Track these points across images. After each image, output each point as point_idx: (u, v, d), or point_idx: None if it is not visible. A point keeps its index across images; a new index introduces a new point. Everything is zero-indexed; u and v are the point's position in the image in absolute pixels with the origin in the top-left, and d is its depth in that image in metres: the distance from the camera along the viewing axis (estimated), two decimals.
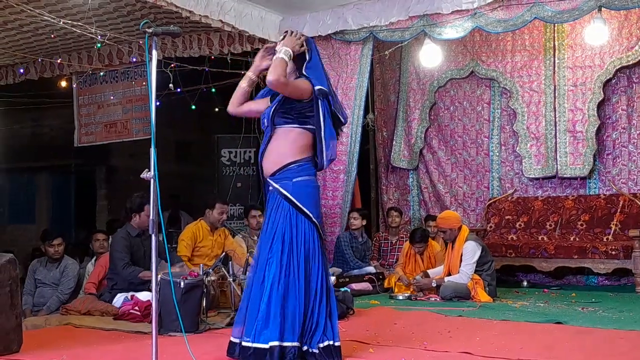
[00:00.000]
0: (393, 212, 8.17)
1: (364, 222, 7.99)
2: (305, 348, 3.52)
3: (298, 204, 3.61)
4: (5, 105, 10.53)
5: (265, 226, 3.70)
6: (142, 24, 3.28)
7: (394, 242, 8.09)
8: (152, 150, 3.20)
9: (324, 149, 3.72)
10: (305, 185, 3.67)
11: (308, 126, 3.70)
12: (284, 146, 3.67)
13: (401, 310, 5.69)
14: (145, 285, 5.55)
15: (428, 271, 6.85)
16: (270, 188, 3.70)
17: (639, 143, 7.75)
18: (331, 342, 3.58)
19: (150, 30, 3.21)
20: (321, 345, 3.55)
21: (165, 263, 5.09)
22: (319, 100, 3.68)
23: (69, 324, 5.21)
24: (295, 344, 3.46)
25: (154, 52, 3.24)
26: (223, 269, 5.57)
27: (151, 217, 3.15)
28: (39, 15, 6.61)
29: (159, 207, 3.18)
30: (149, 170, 3.18)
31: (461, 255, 6.38)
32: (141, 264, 5.76)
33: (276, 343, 3.42)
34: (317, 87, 3.68)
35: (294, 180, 3.64)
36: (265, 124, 3.74)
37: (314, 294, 3.59)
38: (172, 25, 3.48)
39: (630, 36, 7.62)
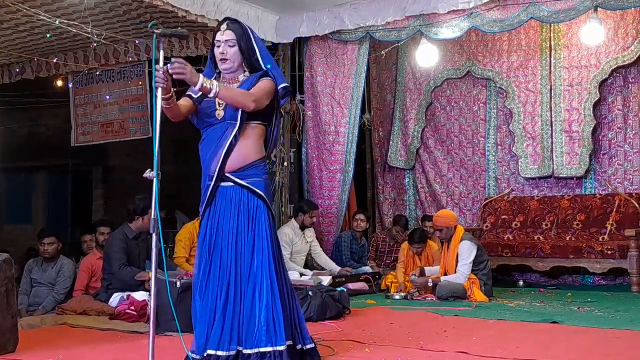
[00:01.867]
0: (399, 227, 8.09)
1: (367, 226, 8.05)
2: (299, 346, 3.47)
3: (268, 202, 3.52)
4: (2, 105, 10.52)
5: (225, 225, 3.44)
6: (150, 24, 3.25)
7: (391, 243, 8.09)
8: (155, 150, 3.19)
9: (272, 146, 3.67)
10: (269, 184, 3.61)
11: (266, 122, 3.60)
12: (253, 142, 3.51)
13: (397, 310, 5.70)
14: (140, 286, 5.55)
15: (425, 268, 6.85)
16: (227, 184, 3.48)
17: (635, 143, 7.77)
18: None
19: (158, 31, 3.19)
20: (309, 345, 3.54)
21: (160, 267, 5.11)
22: (281, 98, 3.60)
23: (65, 323, 5.20)
24: (290, 342, 3.41)
25: (161, 53, 3.24)
26: None
27: (152, 217, 3.13)
28: (35, 15, 6.60)
29: (157, 207, 3.16)
30: (152, 170, 3.16)
31: (457, 255, 6.39)
32: (135, 266, 5.77)
33: (280, 347, 3.32)
34: (281, 86, 3.57)
35: (264, 177, 3.53)
36: (220, 117, 3.49)
37: (291, 289, 3.58)
38: (179, 28, 3.46)
39: (626, 36, 7.63)
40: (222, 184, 3.49)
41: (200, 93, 3.52)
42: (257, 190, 3.47)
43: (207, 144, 3.52)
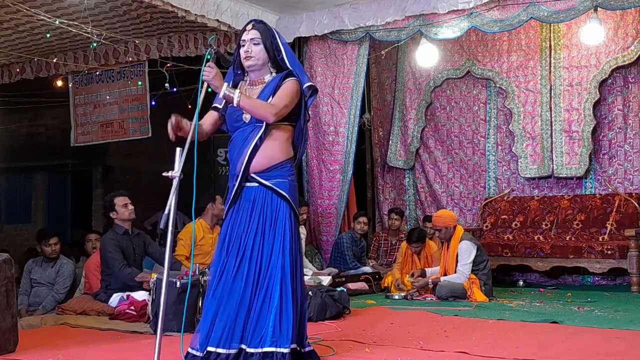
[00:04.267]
0: (394, 214, 8.10)
1: (368, 228, 8.13)
2: (297, 349, 3.44)
3: (293, 204, 3.50)
4: (2, 105, 10.52)
5: (246, 224, 3.45)
6: (211, 38, 3.74)
7: (393, 242, 8.08)
8: (182, 151, 3.37)
9: (302, 147, 3.67)
10: (295, 186, 3.58)
11: (293, 123, 3.59)
12: (279, 143, 3.52)
13: (397, 310, 5.70)
14: (140, 285, 5.54)
15: (426, 270, 6.85)
16: (251, 184, 3.50)
17: (635, 143, 7.77)
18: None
19: (214, 47, 3.46)
20: (308, 347, 3.53)
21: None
22: (308, 98, 3.61)
23: (65, 323, 5.20)
24: (294, 345, 3.42)
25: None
26: None
27: (167, 212, 3.17)
28: (35, 15, 6.61)
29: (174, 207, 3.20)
30: (174, 170, 3.33)
31: (457, 255, 6.39)
32: (131, 262, 5.75)
33: (284, 349, 3.31)
34: (306, 85, 3.60)
35: (289, 178, 3.53)
36: (248, 120, 3.51)
37: (303, 293, 3.57)
38: (228, 53, 3.71)
39: (626, 36, 7.63)
40: (247, 184, 3.51)
41: (224, 101, 3.56)
42: (281, 191, 3.47)
43: (235, 145, 3.55)
